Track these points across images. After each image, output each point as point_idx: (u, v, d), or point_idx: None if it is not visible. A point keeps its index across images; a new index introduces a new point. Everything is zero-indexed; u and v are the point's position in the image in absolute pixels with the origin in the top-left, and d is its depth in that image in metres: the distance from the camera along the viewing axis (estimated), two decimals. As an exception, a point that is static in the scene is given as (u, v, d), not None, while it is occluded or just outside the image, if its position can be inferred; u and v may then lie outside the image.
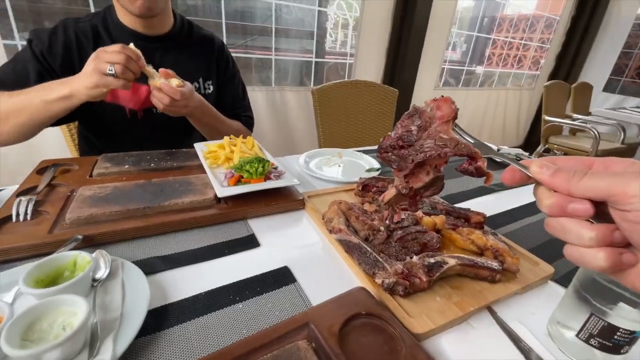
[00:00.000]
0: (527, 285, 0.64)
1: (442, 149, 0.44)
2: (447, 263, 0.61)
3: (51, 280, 0.52)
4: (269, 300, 0.57)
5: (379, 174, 1.07)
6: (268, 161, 0.88)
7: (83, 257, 0.53)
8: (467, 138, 0.45)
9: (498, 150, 1.32)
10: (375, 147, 1.52)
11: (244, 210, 0.80)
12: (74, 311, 0.45)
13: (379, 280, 0.59)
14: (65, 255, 0.54)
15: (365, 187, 0.93)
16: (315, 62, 2.96)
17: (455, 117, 0.46)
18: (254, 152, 1.01)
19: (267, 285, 0.60)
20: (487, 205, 0.97)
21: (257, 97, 2.61)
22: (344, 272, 0.65)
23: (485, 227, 0.80)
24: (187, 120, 1.10)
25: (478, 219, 0.81)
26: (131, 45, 0.88)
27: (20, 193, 0.75)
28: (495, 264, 0.63)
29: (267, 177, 0.88)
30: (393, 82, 3.12)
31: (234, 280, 0.61)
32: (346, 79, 2.04)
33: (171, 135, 1.22)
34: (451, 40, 3.63)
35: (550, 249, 0.77)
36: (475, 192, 1.08)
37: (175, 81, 0.94)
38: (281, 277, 0.62)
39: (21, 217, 0.67)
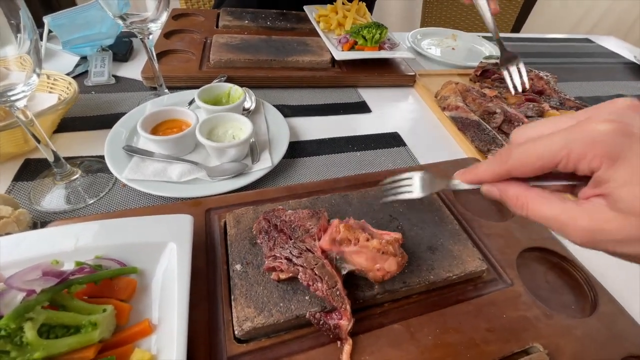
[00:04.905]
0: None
1: (314, 280, 0.33)
2: (571, 154, 0.59)
3: (212, 103, 0.63)
4: (382, 154, 0.64)
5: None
6: (386, 28, 0.83)
7: (236, 90, 0.63)
8: None
9: None
10: (500, 34, 1.30)
11: (356, 77, 0.82)
12: (239, 126, 0.56)
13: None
14: (222, 86, 0.64)
15: (485, 73, 0.85)
16: None
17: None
18: (365, 19, 0.96)
19: (380, 144, 0.66)
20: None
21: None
22: (453, 148, 0.68)
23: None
24: None
25: (615, 123, 0.72)
26: None
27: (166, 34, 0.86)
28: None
29: (381, 47, 0.85)
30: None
31: (351, 134, 0.68)
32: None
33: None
34: None
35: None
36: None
37: None
38: (392, 140, 0.68)
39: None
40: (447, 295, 0.39)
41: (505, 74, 0.72)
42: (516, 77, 0.71)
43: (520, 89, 0.70)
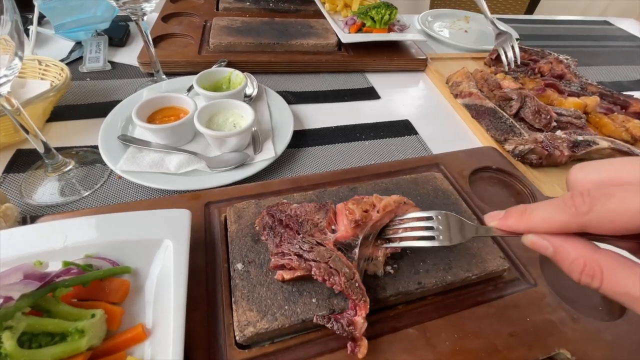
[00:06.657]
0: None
1: (330, 275, 0.30)
2: (597, 144, 0.55)
3: (212, 89, 0.60)
4: (392, 143, 0.60)
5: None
6: (396, 8, 0.78)
7: (237, 75, 0.60)
8: None
9: None
10: (514, 16, 1.24)
11: (363, 61, 0.77)
12: (240, 114, 0.53)
13: (509, 147, 0.56)
14: (223, 71, 0.60)
15: (500, 57, 0.80)
16: None
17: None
18: (374, 0, 0.90)
19: (390, 132, 0.62)
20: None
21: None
22: (468, 136, 0.64)
23: (647, 120, 0.67)
24: None
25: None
26: None
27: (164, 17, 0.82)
28: (655, 155, 0.55)
29: (390, 29, 0.80)
30: None
31: (359, 122, 0.64)
32: None
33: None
34: None
35: None
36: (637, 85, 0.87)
37: None
38: (402, 128, 0.64)
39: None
40: (465, 296, 0.36)
41: (501, 51, 0.78)
42: (510, 54, 0.77)
43: (512, 65, 0.76)
